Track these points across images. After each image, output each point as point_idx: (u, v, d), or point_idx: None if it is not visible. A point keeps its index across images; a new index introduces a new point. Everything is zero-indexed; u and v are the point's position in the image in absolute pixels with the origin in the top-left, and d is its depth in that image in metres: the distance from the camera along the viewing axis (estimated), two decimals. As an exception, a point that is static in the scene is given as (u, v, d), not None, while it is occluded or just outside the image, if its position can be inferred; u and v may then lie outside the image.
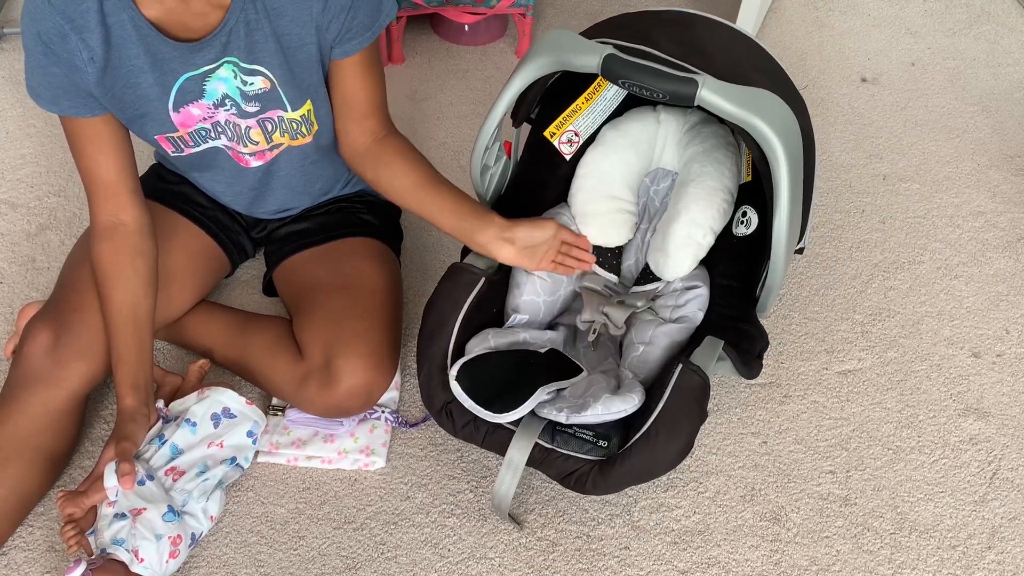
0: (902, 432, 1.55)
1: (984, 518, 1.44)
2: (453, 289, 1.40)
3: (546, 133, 1.56)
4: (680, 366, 1.29)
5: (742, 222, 1.47)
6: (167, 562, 1.27)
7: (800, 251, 1.49)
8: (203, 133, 1.35)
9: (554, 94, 1.54)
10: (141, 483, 1.28)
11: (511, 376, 1.33)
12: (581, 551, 1.38)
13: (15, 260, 1.72)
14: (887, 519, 1.44)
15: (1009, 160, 2.02)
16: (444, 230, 1.40)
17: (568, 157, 1.57)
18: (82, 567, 1.19)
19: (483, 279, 1.41)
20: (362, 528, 1.40)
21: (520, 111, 1.49)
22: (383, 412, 1.49)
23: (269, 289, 1.63)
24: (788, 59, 2.24)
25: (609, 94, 1.55)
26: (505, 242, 1.37)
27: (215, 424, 1.38)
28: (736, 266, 1.47)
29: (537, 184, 1.57)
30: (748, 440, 1.52)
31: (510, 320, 1.48)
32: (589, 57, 1.27)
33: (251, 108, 1.33)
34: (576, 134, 1.56)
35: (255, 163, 1.43)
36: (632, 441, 1.28)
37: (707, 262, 1.49)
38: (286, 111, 1.34)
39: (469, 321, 1.39)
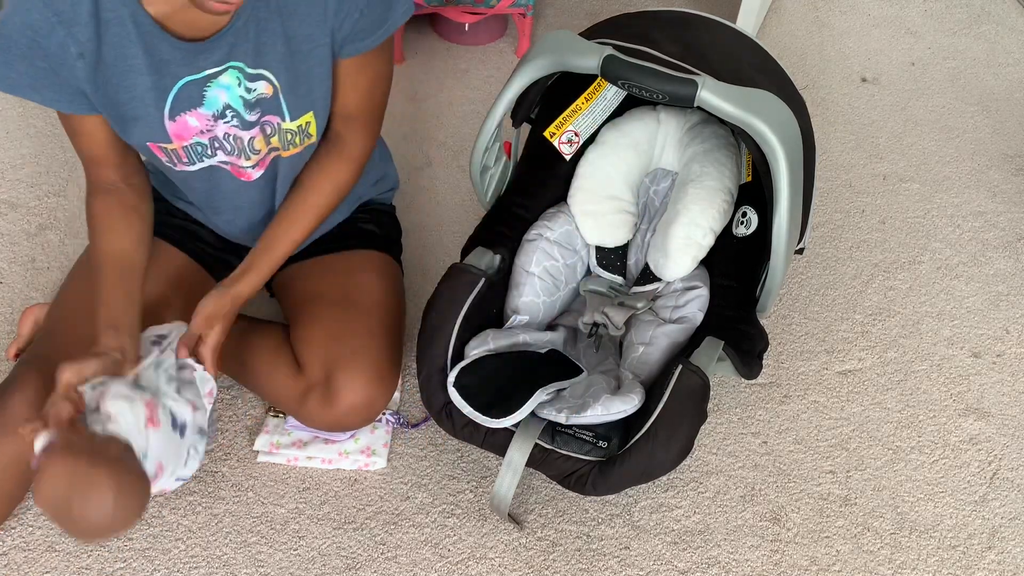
0: (902, 432, 1.55)
1: (984, 518, 1.45)
2: (453, 290, 1.40)
3: (546, 133, 1.56)
4: (680, 367, 1.29)
5: (742, 222, 1.47)
6: (145, 427, 1.10)
7: (800, 251, 1.49)
8: (199, 149, 1.29)
9: (554, 94, 1.54)
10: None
11: (510, 379, 1.33)
12: (581, 551, 1.38)
13: (15, 260, 1.72)
14: (887, 519, 1.44)
15: (1009, 160, 2.02)
16: None
17: (568, 157, 1.57)
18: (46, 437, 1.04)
19: (483, 279, 1.41)
20: (362, 528, 1.40)
21: (520, 111, 1.49)
22: (384, 413, 1.50)
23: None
24: (788, 59, 2.24)
25: (609, 94, 1.55)
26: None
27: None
28: (736, 266, 1.47)
29: (537, 184, 1.57)
30: (748, 440, 1.52)
31: (510, 321, 1.48)
32: (589, 58, 1.27)
33: (253, 116, 1.27)
34: (576, 134, 1.56)
35: (256, 174, 1.36)
36: (632, 442, 1.28)
37: (707, 262, 1.49)
38: (283, 120, 1.28)
39: (469, 322, 1.39)
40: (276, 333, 1.50)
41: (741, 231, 1.47)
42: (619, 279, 1.57)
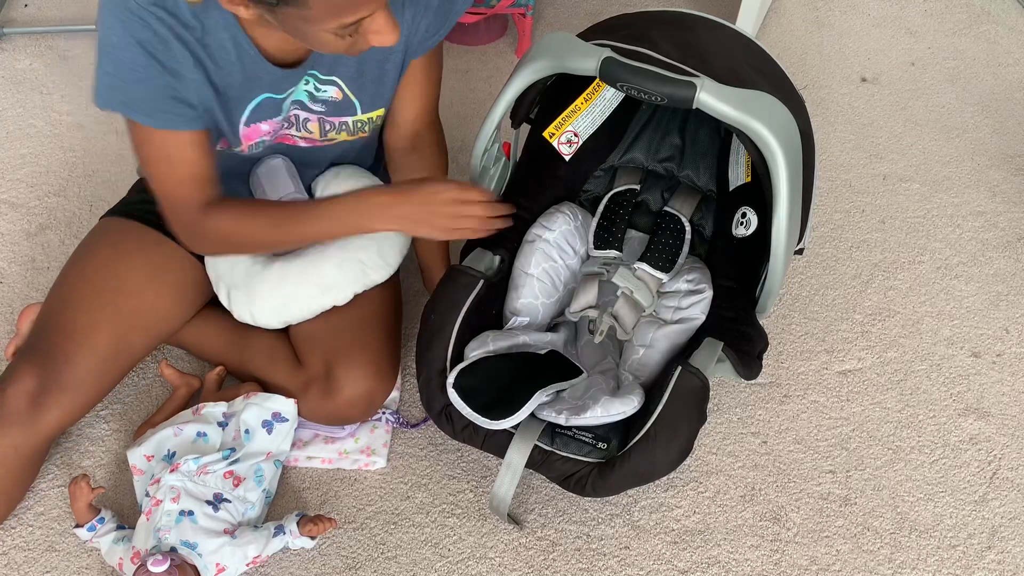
0: (902, 432, 1.55)
1: (984, 518, 1.45)
2: (452, 292, 1.40)
3: (545, 134, 1.56)
4: (679, 368, 1.29)
5: (741, 223, 1.47)
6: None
7: (800, 252, 1.49)
8: (260, 145, 1.35)
9: (553, 94, 1.54)
10: (216, 509, 1.29)
11: (509, 380, 1.33)
12: (581, 551, 1.39)
13: (15, 260, 1.73)
14: (887, 519, 1.44)
15: (1009, 160, 2.02)
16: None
17: (567, 158, 1.57)
18: (167, 564, 1.19)
19: (481, 281, 1.40)
20: (362, 528, 1.40)
21: (519, 112, 1.49)
22: (384, 413, 1.50)
23: None
24: (788, 59, 2.24)
25: (608, 95, 1.55)
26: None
27: (268, 430, 1.38)
28: (735, 267, 1.47)
29: (536, 185, 1.57)
30: (748, 440, 1.52)
31: (510, 322, 1.48)
32: (587, 60, 1.27)
33: (316, 107, 1.32)
34: (575, 134, 1.56)
35: (304, 144, 1.41)
36: (631, 443, 1.28)
37: (708, 263, 1.49)
38: (355, 114, 1.34)
39: (468, 323, 1.39)
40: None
41: (741, 232, 1.47)
42: (616, 253, 1.56)
